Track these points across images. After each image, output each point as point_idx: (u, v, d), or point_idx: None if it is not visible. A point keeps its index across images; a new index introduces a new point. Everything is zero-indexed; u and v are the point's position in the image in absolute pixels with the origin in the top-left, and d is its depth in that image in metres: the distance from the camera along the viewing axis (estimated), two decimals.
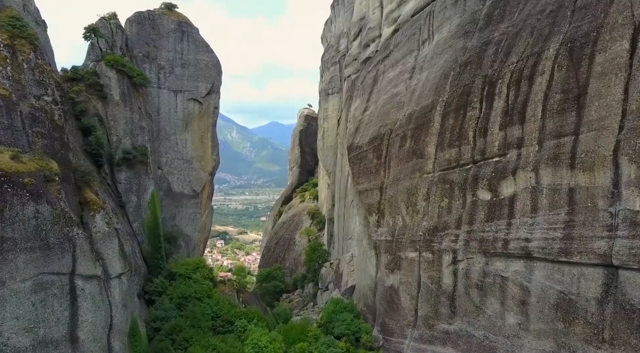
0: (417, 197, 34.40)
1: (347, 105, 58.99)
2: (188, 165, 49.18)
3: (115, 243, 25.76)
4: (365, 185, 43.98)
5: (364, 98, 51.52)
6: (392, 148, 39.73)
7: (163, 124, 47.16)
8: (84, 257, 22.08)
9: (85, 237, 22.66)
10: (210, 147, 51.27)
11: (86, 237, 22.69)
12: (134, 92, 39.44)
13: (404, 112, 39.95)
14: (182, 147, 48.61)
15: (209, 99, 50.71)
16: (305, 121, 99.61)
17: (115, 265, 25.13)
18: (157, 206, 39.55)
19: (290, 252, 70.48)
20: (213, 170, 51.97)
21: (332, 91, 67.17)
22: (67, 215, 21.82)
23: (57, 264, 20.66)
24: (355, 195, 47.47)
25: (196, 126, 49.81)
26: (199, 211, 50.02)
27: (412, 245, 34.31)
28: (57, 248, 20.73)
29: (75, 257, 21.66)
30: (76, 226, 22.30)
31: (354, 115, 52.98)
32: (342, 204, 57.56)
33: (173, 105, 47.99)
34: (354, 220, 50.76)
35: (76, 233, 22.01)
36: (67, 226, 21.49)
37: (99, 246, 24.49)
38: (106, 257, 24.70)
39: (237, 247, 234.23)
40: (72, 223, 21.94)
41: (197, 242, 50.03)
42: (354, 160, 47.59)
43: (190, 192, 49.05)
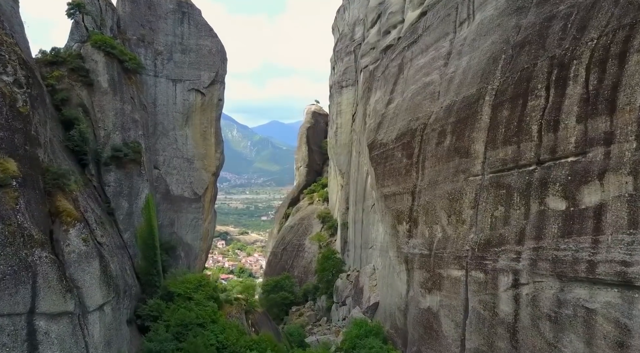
0: (462, 204, 28.73)
1: (365, 98, 53.26)
2: (189, 165, 43.51)
3: (96, 266, 20.12)
4: (393, 189, 38.28)
5: (386, 89, 45.76)
6: (426, 145, 34.05)
7: (160, 117, 41.47)
8: (48, 288, 16.49)
9: (52, 261, 17.02)
10: (214, 144, 45.59)
11: (52, 262, 17.06)
12: (126, 79, 33.72)
13: (440, 103, 34.28)
14: (181, 144, 42.92)
15: (213, 90, 45.03)
16: (312, 118, 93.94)
17: (94, 295, 19.52)
18: (153, 212, 33.82)
19: (299, 259, 64.86)
20: (217, 171, 46.31)
21: (346, 83, 61.43)
22: (25, 233, 16.22)
23: (7, 302, 14.96)
24: (378, 199, 41.77)
25: (198, 120, 44.13)
26: (201, 216, 44.35)
27: (456, 261, 28.65)
28: (9, 280, 15.03)
29: (36, 289, 16.08)
30: (39, 247, 16.69)
31: (374, 108, 47.23)
32: (360, 208, 51.88)
33: (172, 97, 42.30)
34: (376, 227, 45.15)
35: (38, 258, 16.39)
36: (25, 248, 15.90)
37: (74, 271, 18.87)
38: (82, 285, 19.08)
39: (238, 247, 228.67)
40: (32, 244, 16.33)
41: (198, 251, 44.38)
42: (377, 159, 41.84)
43: (191, 195, 43.36)
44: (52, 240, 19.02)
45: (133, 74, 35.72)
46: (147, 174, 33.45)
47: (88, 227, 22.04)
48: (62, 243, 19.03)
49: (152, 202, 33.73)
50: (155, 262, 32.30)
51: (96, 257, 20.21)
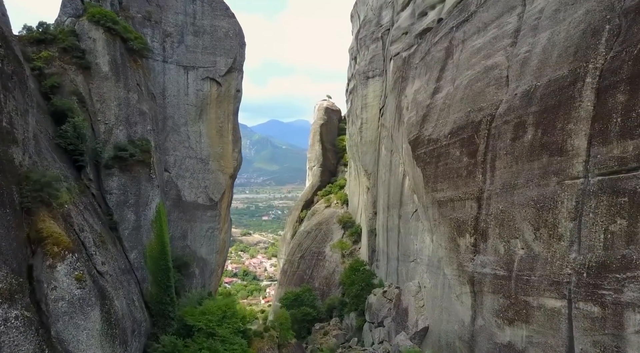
0: (557, 215, 22.37)
1: (398, 88, 46.92)
2: (203, 166, 37.18)
3: (96, 316, 13.89)
4: (449, 193, 32.00)
5: (430, 77, 39.39)
6: (496, 141, 27.72)
7: (170, 110, 35.15)
8: None
9: (26, 323, 10.57)
10: (231, 141, 39.23)
11: (27, 324, 10.61)
12: (131, 62, 27.33)
13: (511, 90, 27.94)
14: (195, 142, 36.59)
15: (230, 79, 38.71)
16: (325, 114, 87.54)
17: None
18: (165, 225, 27.48)
19: (320, 269, 58.68)
20: (234, 172, 39.98)
21: (372, 74, 55.10)
22: None
23: None
24: (427, 205, 35.55)
25: (213, 114, 37.81)
26: (217, 226, 38.05)
27: (553, 288, 22.32)
28: None
29: None
30: (5, 302, 10.19)
31: (414, 100, 40.91)
32: (394, 215, 45.59)
33: (183, 86, 35.99)
34: (420, 237, 38.94)
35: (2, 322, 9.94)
36: None
37: (62, 328, 12.60)
38: (76, 348, 12.65)
39: (241, 249, 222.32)
40: None
41: (214, 266, 38.09)
42: (425, 158, 35.57)
43: (206, 201, 37.05)
44: (30, 282, 12.79)
45: (139, 57, 29.36)
46: (158, 178, 27.07)
47: (85, 255, 15.78)
48: (45, 286, 12.71)
49: (164, 213, 27.43)
50: (169, 287, 25.95)
51: (96, 303, 13.92)
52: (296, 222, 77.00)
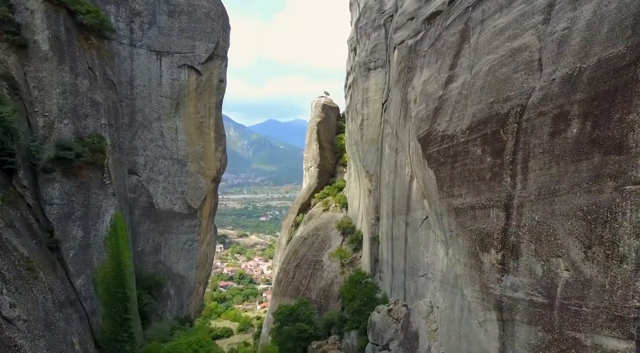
0: (617, 229, 16.91)
1: (403, 80, 41.69)
2: (180, 168, 31.94)
3: None
4: (469, 199, 26.76)
5: (441, 65, 34.13)
6: (529, 137, 22.38)
7: (140, 103, 29.91)
8: None
9: None
10: (214, 139, 33.99)
11: None
12: (81, 40, 22.03)
13: (546, 74, 22.58)
14: (170, 139, 31.34)
15: (211, 67, 33.50)
16: (322, 111, 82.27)
17: None
18: (124, 242, 22.15)
19: (317, 280, 53.54)
20: (217, 175, 34.73)
21: (374, 65, 49.91)
22: None
23: None
24: (442, 212, 30.38)
25: (192, 108, 32.58)
26: (197, 237, 32.82)
27: (615, 324, 16.92)
28: None
29: None
30: None
31: (423, 91, 35.71)
32: (400, 221, 40.42)
33: (156, 75, 30.79)
34: (432, 249, 33.81)
35: None
36: None
37: None
38: None
39: (237, 251, 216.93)
40: None
41: (194, 284, 32.84)
42: (439, 158, 30.36)
43: (183, 208, 31.82)
44: None
45: (95, 37, 24.04)
46: (115, 184, 21.78)
47: None
48: None
49: (123, 227, 22.13)
50: (126, 320, 20.67)
51: None
52: (292, 226, 71.74)
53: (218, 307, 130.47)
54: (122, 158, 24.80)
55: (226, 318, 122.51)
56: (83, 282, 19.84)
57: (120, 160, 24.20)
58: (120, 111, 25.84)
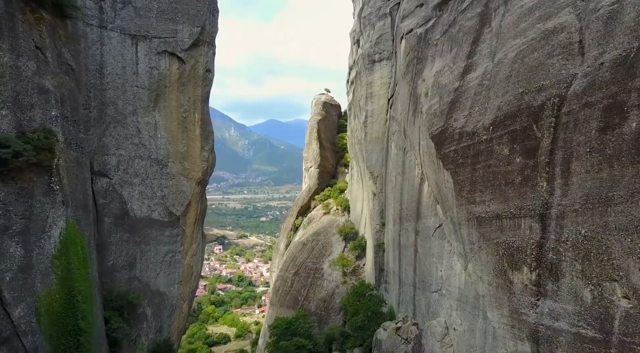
0: None
1: (412, 72, 37.55)
2: (160, 170, 27.85)
3: None
4: (494, 207, 22.60)
5: (458, 53, 29.93)
6: (571, 133, 18.08)
7: (112, 94, 25.84)
8: None
9: None
10: (200, 137, 29.91)
11: None
12: (26, 14, 17.95)
13: (590, 58, 18.28)
14: (148, 137, 27.27)
15: (196, 54, 29.42)
16: (323, 109, 78.13)
17: None
18: (80, 260, 18.04)
19: (317, 289, 49.46)
20: (204, 177, 30.63)
21: (380, 57, 45.80)
22: None
23: None
24: (462, 222, 26.25)
25: (174, 101, 28.52)
26: (180, 248, 28.73)
27: None
28: None
29: None
30: None
31: (436, 83, 31.57)
32: (409, 229, 36.33)
33: (131, 62, 26.74)
34: (447, 262, 29.71)
35: None
36: None
37: None
38: None
39: (237, 252, 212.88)
40: None
41: (176, 301, 28.72)
42: (457, 158, 26.22)
43: (163, 215, 27.73)
44: None
45: (49, 12, 19.95)
46: (67, 190, 17.67)
47: None
48: None
49: (78, 242, 18.00)
50: None
51: None
52: (290, 230, 67.59)
53: (216, 311, 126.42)
54: (83, 158, 20.69)
55: (224, 323, 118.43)
56: (22, 312, 15.74)
57: (80, 160, 20.08)
58: (80, 102, 21.70)
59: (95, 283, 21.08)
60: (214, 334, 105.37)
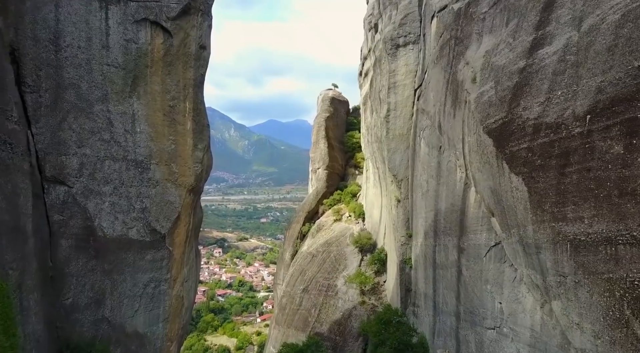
0: None
1: (449, 56, 30.80)
2: (139, 174, 21.36)
3: None
4: (600, 227, 15.66)
5: (519, 26, 23.19)
6: None
7: (71, 74, 19.32)
8: None
9: None
10: (192, 132, 23.36)
11: None
12: None
13: None
14: (123, 131, 20.76)
15: (187, 26, 22.92)
16: (331, 105, 71.52)
17: None
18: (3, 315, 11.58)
19: (330, 310, 42.95)
20: (197, 183, 24.06)
21: (405, 41, 39.30)
22: None
23: None
24: (541, 244, 19.59)
25: (158, 85, 22.02)
26: (166, 276, 22.19)
27: None
28: None
29: None
30: None
31: (487, 65, 24.92)
32: (448, 245, 29.83)
33: (99, 32, 20.28)
34: (510, 292, 23.23)
35: None
36: None
37: None
38: None
39: (237, 256, 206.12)
40: None
41: (161, 344, 22.08)
42: (532, 158, 19.57)
43: (143, 234, 21.21)
44: None
45: None
46: None
47: None
48: None
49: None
50: None
51: None
52: (297, 238, 60.93)
53: (215, 320, 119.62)
54: (15, 159, 14.11)
55: (223, 332, 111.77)
56: None
57: (8, 163, 13.57)
58: (8, 78, 15.13)
59: (36, 337, 14.46)
60: (213, 346, 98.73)
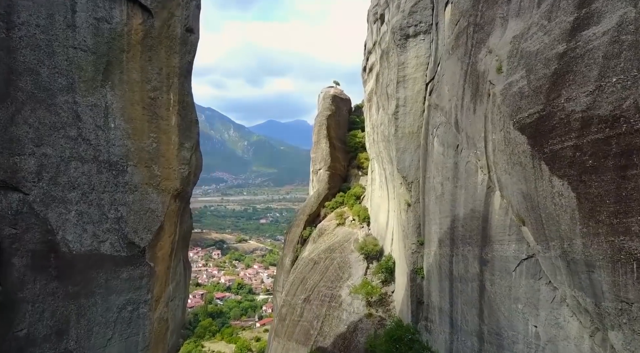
0: None
1: (467, 44, 27.42)
2: (113, 178, 18.13)
3: None
4: None
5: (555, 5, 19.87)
6: None
7: (28, 57, 16.12)
8: None
9: None
10: (177, 128, 20.15)
11: None
12: None
13: None
14: (93, 127, 17.57)
15: (171, 5, 19.65)
16: (333, 103, 68.36)
17: None
18: None
19: (334, 322, 39.69)
20: (184, 187, 20.82)
21: (415, 30, 36.07)
22: None
23: None
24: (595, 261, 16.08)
25: (137, 74, 18.78)
26: (146, 296, 18.94)
27: None
28: None
29: None
30: None
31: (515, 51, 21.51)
32: (468, 255, 26.62)
33: (63, 8, 17.00)
34: (551, 315, 19.90)
35: None
36: None
37: None
38: None
39: (236, 258, 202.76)
40: None
41: None
42: (580, 158, 16.14)
43: (118, 248, 17.97)
44: None
45: None
46: None
47: None
48: None
49: None
50: None
51: None
52: (297, 243, 57.68)
53: (213, 325, 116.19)
54: None
55: (221, 338, 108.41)
56: None
57: None
58: None
59: None
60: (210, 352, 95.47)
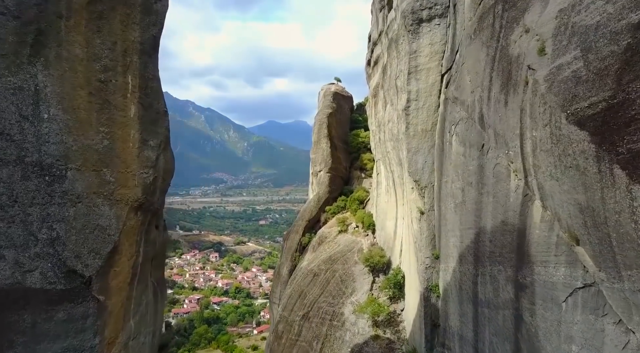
0: None
1: (494, 27, 22.86)
2: (45, 185, 13.71)
3: None
4: None
5: None
6: None
7: None
8: None
9: None
10: (137, 121, 15.75)
11: None
12: None
13: None
14: (18, 117, 13.21)
15: None
16: (334, 101, 63.90)
17: None
18: None
19: (336, 344, 35.15)
20: (147, 196, 16.45)
21: (429, 14, 31.67)
22: None
23: None
24: None
25: (80, 48, 14.42)
26: (93, 341, 14.47)
27: None
28: None
29: None
30: None
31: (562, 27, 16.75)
32: (498, 277, 22.18)
33: None
34: None
35: None
36: None
37: None
38: None
39: (233, 260, 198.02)
40: None
41: None
42: None
43: (52, 279, 13.53)
44: None
45: None
46: None
47: None
48: None
49: None
50: None
51: None
52: (295, 251, 53.14)
53: (209, 332, 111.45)
54: None
55: (217, 346, 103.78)
56: None
57: None
58: None
59: None
60: None
